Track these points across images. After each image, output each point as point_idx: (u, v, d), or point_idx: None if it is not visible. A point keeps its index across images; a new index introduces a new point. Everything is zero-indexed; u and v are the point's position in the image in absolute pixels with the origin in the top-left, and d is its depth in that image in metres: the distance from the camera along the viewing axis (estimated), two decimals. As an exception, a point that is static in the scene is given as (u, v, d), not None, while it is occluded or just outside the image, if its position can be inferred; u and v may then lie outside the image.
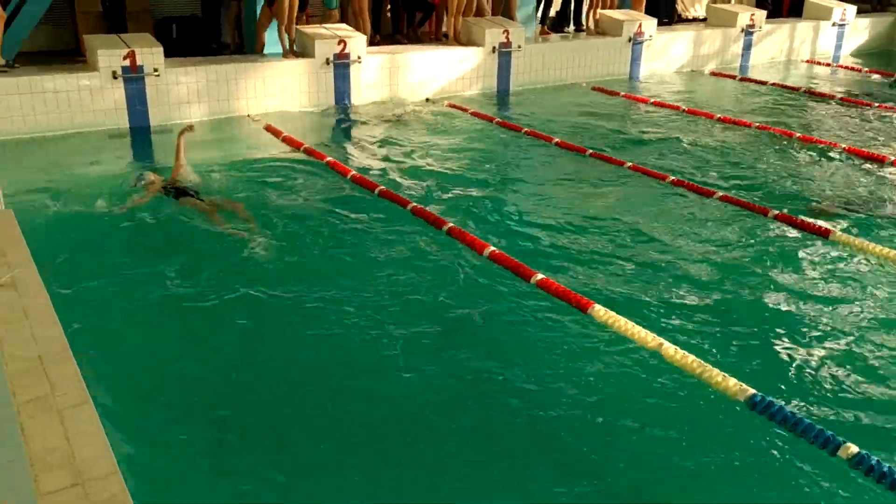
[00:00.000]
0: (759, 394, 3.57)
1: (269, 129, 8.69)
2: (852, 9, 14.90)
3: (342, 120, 9.37)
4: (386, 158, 7.91)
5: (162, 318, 4.57)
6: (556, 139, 8.59)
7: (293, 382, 4.00)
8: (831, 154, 8.30)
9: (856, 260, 5.51)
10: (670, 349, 4.06)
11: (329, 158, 7.58)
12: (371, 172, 7.30)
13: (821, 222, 6.12)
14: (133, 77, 8.35)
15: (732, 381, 3.64)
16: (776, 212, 6.30)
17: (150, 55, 8.39)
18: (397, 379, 4.03)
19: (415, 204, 6.22)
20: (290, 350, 4.30)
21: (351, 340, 4.39)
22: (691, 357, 3.93)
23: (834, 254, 5.61)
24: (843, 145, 8.47)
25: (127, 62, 8.27)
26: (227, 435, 3.54)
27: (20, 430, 2.26)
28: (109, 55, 8.19)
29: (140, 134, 8.35)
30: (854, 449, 3.23)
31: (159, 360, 4.11)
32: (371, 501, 3.21)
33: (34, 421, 2.30)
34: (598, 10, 12.55)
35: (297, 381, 4.01)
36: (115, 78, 8.25)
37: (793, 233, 5.99)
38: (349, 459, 3.44)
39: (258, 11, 9.97)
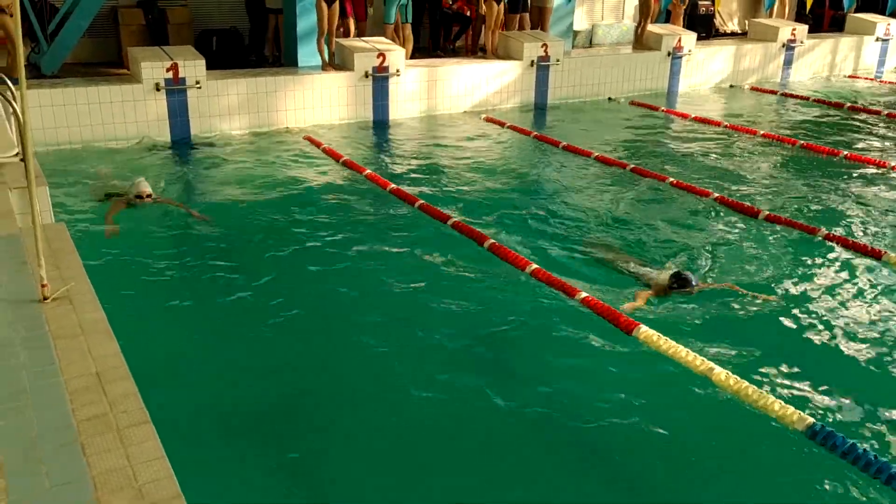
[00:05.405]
0: (819, 423, 3.45)
1: (308, 139, 8.73)
2: (896, 23, 14.66)
3: (381, 132, 9.39)
4: (424, 171, 7.89)
5: (217, 332, 4.55)
6: (595, 153, 8.51)
7: (347, 396, 3.97)
8: (879, 173, 8.11)
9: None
10: (721, 374, 3.96)
11: (368, 171, 7.58)
12: (409, 186, 7.28)
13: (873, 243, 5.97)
14: (175, 89, 8.45)
15: (791, 409, 3.53)
16: (825, 231, 6.15)
17: (193, 67, 8.48)
18: (438, 392, 3.99)
19: (456, 219, 6.18)
20: (338, 363, 4.29)
21: (393, 354, 4.35)
22: (745, 383, 3.82)
23: (887, 275, 5.45)
24: (893, 163, 8.27)
25: (170, 74, 8.37)
26: (287, 454, 3.50)
27: (81, 449, 2.24)
28: (153, 67, 8.30)
29: (181, 145, 8.44)
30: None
31: (215, 375, 4.08)
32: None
33: (94, 440, 2.28)
34: (647, 27, 12.37)
35: (352, 395, 3.99)
36: (157, 90, 8.35)
37: (843, 253, 5.83)
38: (393, 474, 3.40)
39: (297, 25, 10.03)
